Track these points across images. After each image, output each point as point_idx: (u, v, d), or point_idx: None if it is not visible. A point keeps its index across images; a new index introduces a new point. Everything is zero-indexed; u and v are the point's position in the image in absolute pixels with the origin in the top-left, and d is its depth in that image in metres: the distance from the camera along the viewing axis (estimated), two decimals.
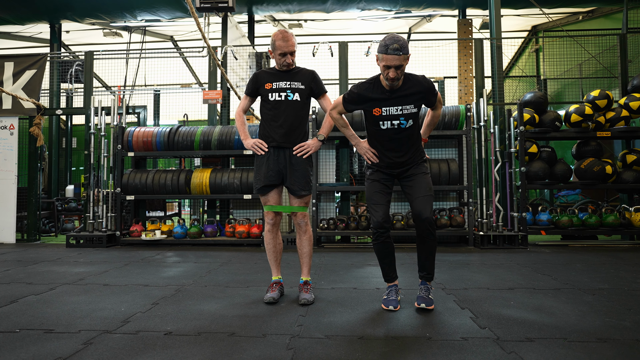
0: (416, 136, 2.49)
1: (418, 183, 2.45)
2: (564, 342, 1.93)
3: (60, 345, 1.92)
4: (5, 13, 7.21)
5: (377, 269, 3.72)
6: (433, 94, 2.43)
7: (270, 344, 1.93)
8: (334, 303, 2.61)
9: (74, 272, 3.60)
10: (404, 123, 2.40)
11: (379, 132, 2.45)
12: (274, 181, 2.69)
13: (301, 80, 2.70)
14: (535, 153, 5.16)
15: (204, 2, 5.52)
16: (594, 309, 2.43)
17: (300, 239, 2.73)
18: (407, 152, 2.47)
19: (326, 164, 5.51)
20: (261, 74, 2.75)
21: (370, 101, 2.41)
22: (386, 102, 2.38)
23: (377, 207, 2.45)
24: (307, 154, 2.68)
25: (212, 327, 2.17)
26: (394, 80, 2.29)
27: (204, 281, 3.25)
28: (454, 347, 1.88)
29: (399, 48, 2.20)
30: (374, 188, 2.51)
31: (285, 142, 2.66)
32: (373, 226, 2.46)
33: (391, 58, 2.21)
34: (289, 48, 2.58)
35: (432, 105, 2.50)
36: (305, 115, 2.75)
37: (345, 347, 1.89)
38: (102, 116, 5.58)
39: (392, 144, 2.46)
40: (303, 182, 2.68)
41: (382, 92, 2.39)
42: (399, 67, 2.24)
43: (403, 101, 2.38)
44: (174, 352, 1.84)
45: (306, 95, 2.72)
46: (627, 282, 3.09)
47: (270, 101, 2.69)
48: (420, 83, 2.39)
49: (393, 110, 2.39)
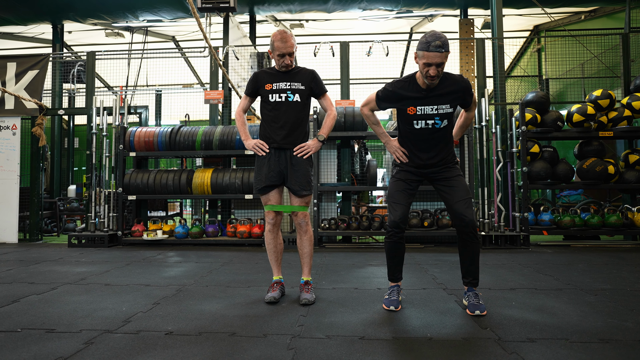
0: (449, 137, 2.45)
1: (456, 186, 2.40)
2: (566, 343, 1.92)
3: (62, 344, 1.92)
4: (7, 14, 7.23)
5: (378, 269, 3.72)
6: (469, 94, 2.39)
7: (271, 344, 1.93)
8: (335, 303, 2.61)
9: (75, 272, 3.60)
10: (439, 123, 2.36)
11: (412, 132, 2.41)
12: (275, 181, 2.69)
13: (301, 80, 2.69)
14: (537, 153, 5.15)
15: (205, 2, 5.52)
16: (596, 310, 2.42)
17: (301, 239, 2.73)
18: (439, 153, 2.42)
19: (327, 164, 5.51)
20: (261, 75, 2.74)
21: (405, 99, 2.37)
22: (422, 101, 2.34)
23: (396, 206, 2.42)
24: (307, 154, 2.68)
25: (213, 327, 2.18)
26: (434, 79, 2.24)
27: (205, 281, 3.25)
28: (455, 347, 1.88)
29: (441, 45, 2.15)
30: (397, 187, 2.47)
31: (286, 143, 2.66)
32: (389, 224, 2.43)
33: (433, 55, 2.16)
34: (287, 49, 2.56)
35: (467, 106, 2.46)
36: (305, 116, 2.75)
37: (346, 347, 1.89)
38: (104, 116, 5.59)
39: (425, 144, 2.42)
40: (304, 182, 2.67)
41: (418, 91, 2.34)
42: (440, 65, 2.20)
43: (439, 100, 2.33)
44: (174, 352, 1.84)
45: (306, 96, 2.71)
46: (630, 283, 3.07)
47: (270, 102, 2.68)
48: (458, 82, 2.34)
49: (428, 110, 2.35)
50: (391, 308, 2.42)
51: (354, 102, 5.61)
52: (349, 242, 5.50)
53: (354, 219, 5.22)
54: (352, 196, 5.96)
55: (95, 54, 6.00)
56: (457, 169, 2.48)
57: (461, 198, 2.37)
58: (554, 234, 5.13)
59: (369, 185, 5.61)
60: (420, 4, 7.09)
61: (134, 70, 8.58)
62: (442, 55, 2.17)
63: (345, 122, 5.19)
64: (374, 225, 5.14)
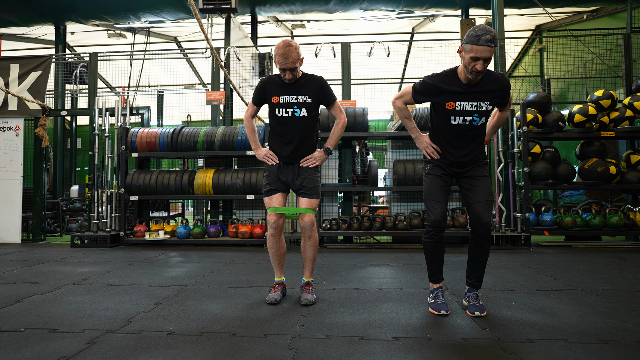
0: (482, 135, 2.41)
1: (480, 186, 2.37)
2: (565, 343, 1.93)
3: (65, 344, 1.94)
4: (10, 15, 7.27)
5: (379, 269, 3.73)
6: (509, 94, 2.36)
7: (272, 344, 1.95)
8: (336, 304, 2.62)
9: (78, 272, 3.63)
10: (477, 120, 2.32)
11: (448, 128, 2.36)
12: (281, 188, 2.71)
13: (308, 92, 2.61)
14: (539, 153, 5.15)
15: (207, 4, 5.54)
16: (595, 310, 2.42)
17: (305, 243, 2.71)
18: (472, 151, 2.39)
19: (329, 164, 5.52)
20: (268, 84, 2.67)
21: (444, 93, 2.32)
22: (462, 97, 2.29)
23: (436, 205, 2.37)
24: (312, 165, 2.68)
25: (214, 327, 2.19)
26: (479, 74, 2.19)
27: (206, 281, 3.27)
28: (454, 348, 1.89)
29: (491, 39, 2.10)
30: (434, 184, 2.42)
31: (293, 159, 2.67)
32: (429, 224, 2.37)
33: (482, 49, 2.11)
34: (288, 65, 2.47)
35: (504, 105, 2.43)
36: (313, 128, 2.71)
37: (346, 347, 1.90)
38: (106, 117, 5.62)
39: (460, 141, 2.37)
40: (311, 186, 2.67)
41: (459, 86, 2.30)
42: (487, 60, 2.15)
43: (480, 97, 2.29)
44: (176, 352, 1.85)
45: (314, 108, 2.65)
46: (631, 283, 3.08)
47: (277, 116, 2.65)
48: (499, 80, 2.31)
49: (467, 106, 2.30)
50: (442, 312, 2.33)
51: (355, 102, 5.62)
52: (350, 243, 5.51)
53: (355, 219, 5.23)
54: (353, 196, 5.96)
55: (98, 55, 6.03)
56: (485, 168, 2.44)
57: (482, 199, 2.34)
58: (555, 234, 5.13)
59: (370, 186, 5.63)
60: (421, 4, 7.09)
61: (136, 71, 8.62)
62: (492, 50, 2.12)
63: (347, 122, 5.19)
64: (375, 226, 5.15)
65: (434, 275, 2.50)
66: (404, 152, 5.54)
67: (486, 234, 2.33)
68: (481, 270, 2.42)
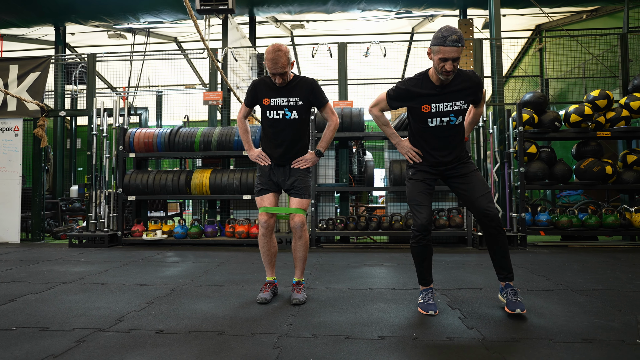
0: (462, 134, 2.44)
1: (474, 182, 2.38)
2: (549, 343, 1.94)
3: (54, 342, 1.97)
4: (11, 16, 7.32)
5: (372, 269, 3.74)
6: (481, 90, 2.39)
7: (258, 342, 1.97)
8: (326, 303, 2.64)
9: (73, 272, 3.66)
10: (454, 120, 2.34)
11: (427, 130, 2.38)
12: (272, 188, 2.73)
13: (299, 94, 2.62)
14: (535, 153, 5.15)
15: (204, 5, 5.57)
16: (584, 310, 2.43)
17: (296, 243, 2.73)
18: (454, 150, 2.41)
19: (325, 164, 5.53)
20: (259, 86, 2.68)
21: (418, 97, 2.34)
22: (436, 98, 2.32)
23: (420, 209, 2.38)
24: (303, 167, 2.70)
25: (203, 326, 2.21)
26: (449, 74, 2.21)
27: (200, 281, 3.29)
28: (438, 347, 1.90)
29: (457, 40, 2.13)
30: (417, 188, 2.43)
31: (284, 161, 2.69)
32: (416, 228, 2.38)
33: (449, 50, 2.14)
34: (277, 70, 2.47)
35: (478, 102, 2.45)
36: (304, 130, 2.73)
37: (331, 346, 1.92)
38: (104, 117, 5.65)
39: (440, 142, 2.39)
40: (301, 187, 2.69)
41: (431, 88, 2.32)
42: (456, 60, 2.17)
43: (454, 97, 2.31)
44: (162, 350, 1.88)
45: (305, 111, 2.66)
46: (622, 283, 3.08)
47: (268, 118, 2.67)
48: (471, 78, 2.34)
49: (443, 107, 2.32)
50: (430, 312, 2.34)
51: (352, 102, 5.63)
52: (347, 242, 5.53)
53: (352, 219, 5.25)
54: (350, 197, 5.98)
55: (96, 56, 6.06)
56: (471, 164, 2.45)
57: (482, 193, 2.35)
58: (551, 234, 5.13)
59: (366, 186, 5.64)
60: (419, 4, 7.10)
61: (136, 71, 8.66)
62: (459, 50, 2.15)
63: (343, 123, 5.21)
64: (371, 226, 5.16)
65: (423, 278, 2.51)
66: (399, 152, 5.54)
67: (497, 225, 2.33)
68: (508, 261, 2.40)
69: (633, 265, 3.78)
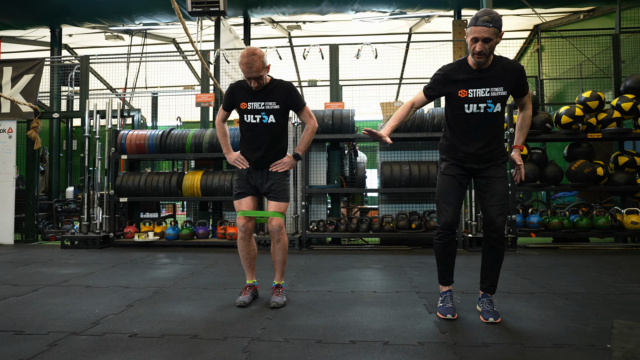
0: (500, 127, 2.34)
1: (495, 188, 2.32)
2: (520, 348, 1.94)
3: (26, 346, 1.98)
4: (7, 19, 7.37)
5: (358, 271, 3.74)
6: (523, 78, 2.29)
7: (229, 346, 1.97)
8: (304, 306, 2.64)
9: (60, 274, 3.68)
10: (491, 107, 2.26)
11: (463, 117, 2.31)
12: (250, 192, 2.74)
13: (276, 98, 2.63)
14: (526, 155, 5.13)
15: (195, 7, 5.59)
16: (561, 314, 2.43)
17: (274, 246, 2.74)
18: (489, 143, 2.31)
19: (317, 166, 5.54)
20: (236, 90, 2.69)
21: (455, 82, 2.30)
22: (473, 83, 2.26)
23: (447, 207, 2.34)
24: (282, 170, 2.71)
25: (178, 329, 2.22)
26: (481, 56, 2.15)
27: (184, 283, 3.30)
28: (407, 351, 1.90)
29: (489, 20, 2.09)
30: (447, 184, 2.37)
31: (262, 164, 2.70)
32: (440, 225, 2.36)
33: (479, 30, 2.10)
34: (252, 74, 2.48)
35: (522, 94, 2.34)
36: (282, 134, 2.74)
37: (300, 350, 1.92)
38: (97, 119, 5.68)
39: (476, 131, 2.31)
40: (279, 190, 2.70)
41: (469, 72, 2.27)
42: (487, 41, 2.11)
43: (491, 82, 2.25)
44: (132, 354, 1.89)
45: (282, 114, 2.67)
46: (605, 286, 3.07)
47: (246, 122, 2.69)
48: (510, 64, 2.28)
49: (480, 92, 2.26)
50: (448, 317, 2.31)
51: (343, 104, 5.64)
52: (338, 244, 5.53)
53: (343, 220, 5.25)
54: (341, 198, 5.98)
55: (89, 58, 6.09)
56: (503, 168, 2.38)
57: (497, 203, 2.30)
58: (542, 236, 5.11)
59: (357, 187, 5.64)
60: (413, 5, 7.09)
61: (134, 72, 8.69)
62: (490, 31, 2.09)
63: (334, 124, 5.22)
64: (362, 228, 5.16)
65: (443, 277, 2.47)
66: (392, 154, 5.55)
67: (499, 238, 2.32)
68: (495, 275, 2.39)
69: (620, 267, 3.77)
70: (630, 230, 4.88)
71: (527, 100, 2.39)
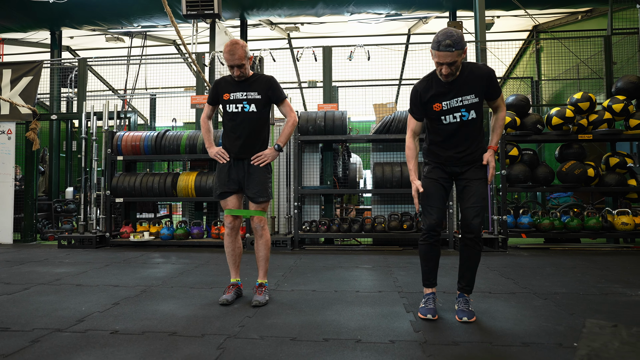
0: (478, 131, 2.41)
1: (474, 190, 2.38)
2: (488, 346, 1.98)
3: (9, 343, 2.05)
4: (8, 22, 7.49)
5: (346, 271, 3.79)
6: (493, 82, 2.33)
7: (205, 343, 2.03)
8: (286, 305, 2.69)
9: (53, 273, 3.75)
10: (466, 115, 2.33)
11: (442, 128, 2.39)
12: (232, 188, 2.80)
13: (257, 89, 2.75)
14: (517, 156, 5.16)
15: (190, 10, 5.66)
16: (536, 314, 2.46)
17: (257, 242, 2.82)
18: (469, 147, 2.39)
19: (310, 167, 5.59)
20: (221, 83, 2.83)
21: (429, 98, 2.36)
22: (446, 96, 2.33)
23: (431, 210, 2.40)
24: (264, 163, 2.77)
25: (159, 326, 2.28)
26: (448, 77, 2.25)
27: (172, 282, 3.37)
28: (377, 350, 1.95)
29: (451, 44, 2.14)
30: (430, 188, 2.43)
31: (243, 153, 2.76)
32: (425, 228, 2.42)
33: (443, 55, 2.17)
34: (234, 62, 2.62)
35: (494, 97, 2.38)
36: (263, 125, 2.82)
37: (273, 348, 1.97)
38: (94, 120, 5.77)
39: (455, 139, 2.38)
40: (260, 189, 2.76)
41: (440, 86, 2.33)
42: (452, 64, 2.19)
43: (462, 91, 2.31)
44: (110, 350, 1.95)
45: (263, 105, 2.77)
46: (586, 287, 3.10)
47: (228, 112, 2.78)
48: (479, 68, 2.33)
49: (453, 103, 2.32)
50: (428, 317, 2.34)
51: (337, 105, 5.69)
52: (331, 244, 5.58)
53: (335, 221, 5.30)
54: (334, 199, 6.03)
55: (87, 60, 6.18)
56: (482, 170, 2.43)
57: (474, 204, 2.36)
58: (532, 236, 5.13)
59: (350, 188, 5.68)
60: (408, 7, 7.13)
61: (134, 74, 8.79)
62: (454, 54, 2.16)
63: (326, 125, 5.27)
64: (354, 228, 5.21)
65: (427, 279, 2.50)
66: (384, 155, 5.59)
67: (475, 239, 2.37)
68: (471, 275, 2.44)
69: (606, 268, 3.79)
70: (621, 231, 4.90)
71: (500, 103, 2.44)
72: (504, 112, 2.48)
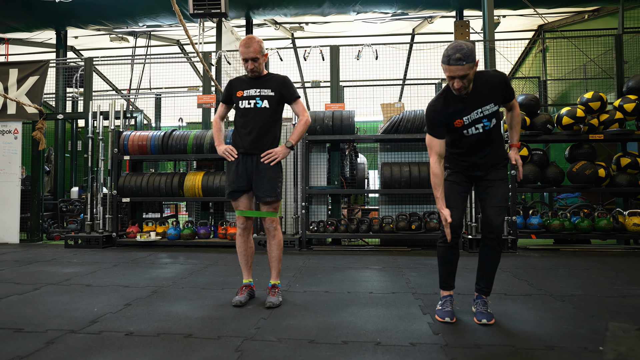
0: (498, 133, 2.39)
1: (495, 190, 2.36)
2: (511, 349, 1.94)
3: (24, 344, 2.02)
4: (13, 22, 7.48)
5: (357, 272, 3.76)
6: (508, 87, 2.32)
7: (222, 345, 2.00)
8: (300, 306, 2.66)
9: (62, 273, 3.73)
10: (488, 125, 2.31)
11: (464, 141, 2.36)
12: (242, 187, 2.76)
13: (271, 87, 2.74)
14: (526, 156, 5.12)
15: (197, 9, 5.64)
16: (556, 316, 2.43)
17: (270, 243, 2.80)
18: (491, 151, 2.38)
19: (317, 167, 5.56)
20: (235, 82, 2.82)
21: (448, 116, 2.32)
22: (465, 110, 2.29)
23: (452, 211, 2.35)
24: (274, 161, 2.73)
25: (173, 328, 2.25)
26: (461, 90, 2.22)
27: (183, 283, 3.34)
28: (398, 352, 1.92)
29: (461, 58, 2.11)
30: (451, 190, 2.41)
31: (253, 149, 2.73)
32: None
33: (454, 69, 2.13)
34: (249, 54, 2.63)
35: (509, 100, 2.37)
36: (275, 122, 2.79)
37: (291, 350, 1.94)
38: (100, 120, 5.74)
39: (478, 147, 2.37)
40: (269, 188, 2.72)
41: (457, 102, 2.29)
42: (463, 77, 2.16)
43: (481, 102, 2.28)
44: (126, 352, 1.92)
45: (276, 102, 2.76)
46: (602, 289, 3.06)
47: (240, 109, 2.77)
48: (494, 77, 2.30)
49: (474, 115, 2.29)
50: (446, 320, 2.31)
51: (344, 105, 5.65)
52: (339, 245, 5.55)
53: (343, 221, 5.26)
54: (342, 199, 5.99)
55: (93, 60, 6.16)
56: (504, 171, 2.41)
57: (496, 204, 2.34)
58: (542, 237, 5.09)
59: (357, 188, 5.65)
60: (414, 6, 7.09)
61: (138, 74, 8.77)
62: (465, 68, 2.13)
63: (334, 125, 5.23)
64: (362, 228, 5.17)
65: (444, 281, 2.47)
66: (392, 155, 5.56)
67: (496, 239, 2.34)
68: (490, 276, 2.41)
69: (620, 270, 3.75)
70: (632, 232, 4.85)
71: (514, 102, 2.44)
72: (518, 108, 2.48)
